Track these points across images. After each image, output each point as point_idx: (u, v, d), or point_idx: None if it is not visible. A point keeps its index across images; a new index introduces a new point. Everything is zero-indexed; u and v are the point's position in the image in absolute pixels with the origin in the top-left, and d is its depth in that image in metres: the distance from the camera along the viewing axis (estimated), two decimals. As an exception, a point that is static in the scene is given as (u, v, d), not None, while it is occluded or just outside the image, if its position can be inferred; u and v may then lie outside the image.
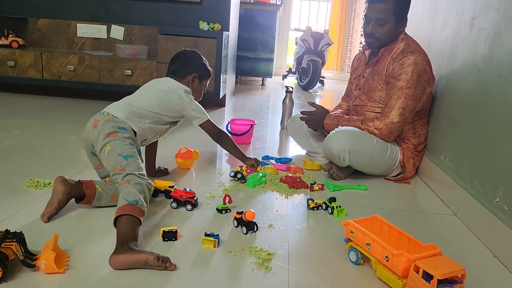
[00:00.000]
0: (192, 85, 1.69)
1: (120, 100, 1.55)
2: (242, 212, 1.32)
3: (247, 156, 1.83)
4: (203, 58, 1.75)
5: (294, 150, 2.36)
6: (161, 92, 1.58)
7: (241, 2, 4.43)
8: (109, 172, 1.37)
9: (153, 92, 1.58)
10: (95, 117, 1.45)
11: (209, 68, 1.76)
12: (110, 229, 1.26)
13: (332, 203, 1.51)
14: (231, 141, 1.79)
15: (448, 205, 1.67)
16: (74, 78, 3.11)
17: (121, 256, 1.06)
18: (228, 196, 1.46)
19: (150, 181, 1.34)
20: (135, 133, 1.46)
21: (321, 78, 5.24)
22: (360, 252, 1.17)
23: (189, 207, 1.45)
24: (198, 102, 1.69)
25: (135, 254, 1.06)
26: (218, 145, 2.35)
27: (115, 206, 1.21)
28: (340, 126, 1.89)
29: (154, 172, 1.75)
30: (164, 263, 1.06)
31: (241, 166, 1.79)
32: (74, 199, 1.38)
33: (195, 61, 1.71)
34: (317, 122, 2.04)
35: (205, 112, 1.67)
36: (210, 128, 1.71)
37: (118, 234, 1.13)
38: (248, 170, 1.83)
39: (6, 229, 1.04)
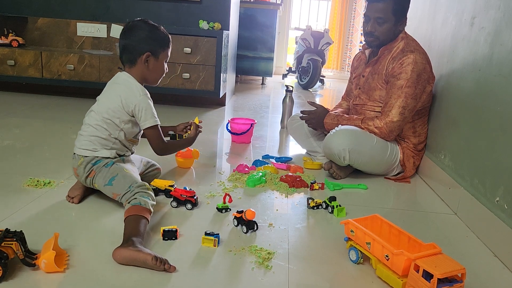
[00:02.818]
0: (148, 67, 1.45)
1: (82, 127, 1.45)
2: (242, 211, 1.32)
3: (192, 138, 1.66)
4: (152, 25, 1.46)
5: (294, 149, 2.36)
6: (112, 99, 1.42)
7: (241, 1, 4.42)
8: None
9: (104, 104, 1.43)
10: (72, 166, 1.45)
11: (163, 34, 1.47)
12: (110, 229, 1.27)
13: (332, 202, 1.51)
14: (177, 149, 1.64)
15: (448, 204, 1.67)
16: (74, 77, 3.11)
17: (122, 251, 1.08)
18: (228, 195, 1.46)
19: (140, 183, 1.33)
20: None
21: (321, 77, 5.23)
22: (360, 251, 1.17)
23: (189, 206, 1.45)
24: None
25: (135, 252, 1.07)
26: (218, 144, 2.37)
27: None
28: (340, 125, 1.89)
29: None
30: (162, 264, 1.06)
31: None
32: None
33: (142, 37, 1.43)
34: (317, 121, 2.04)
35: (156, 116, 1.45)
36: (154, 138, 1.46)
37: (124, 232, 1.16)
38: (247, 169, 1.84)
39: (6, 228, 1.04)
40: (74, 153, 1.44)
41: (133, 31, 1.44)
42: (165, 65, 1.51)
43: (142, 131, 1.50)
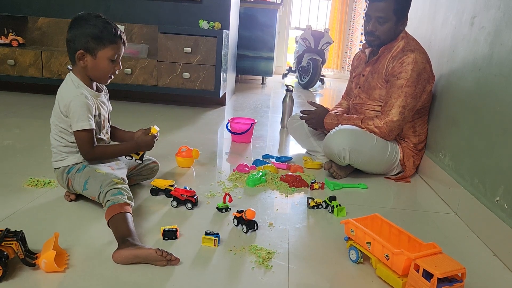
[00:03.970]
0: (86, 66, 1.33)
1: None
2: (242, 211, 1.32)
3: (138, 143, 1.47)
4: (92, 20, 1.33)
5: (294, 149, 2.36)
6: (55, 106, 1.38)
7: (241, 1, 4.42)
8: None
9: (52, 115, 1.40)
10: (55, 180, 1.46)
11: (102, 30, 1.32)
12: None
13: (332, 201, 1.51)
14: (111, 155, 1.45)
15: (448, 203, 1.67)
16: (74, 77, 3.11)
17: (122, 251, 1.08)
18: (228, 194, 1.46)
19: (109, 180, 1.29)
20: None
21: (321, 77, 5.22)
22: (360, 250, 1.17)
23: (189, 206, 1.44)
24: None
25: (136, 249, 1.08)
26: (218, 144, 2.37)
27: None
28: (340, 125, 1.89)
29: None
30: (169, 255, 1.07)
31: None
32: None
33: (78, 32, 1.31)
34: (317, 121, 2.04)
35: (90, 120, 1.33)
36: (81, 143, 1.34)
37: (115, 236, 1.16)
38: (247, 168, 1.84)
39: (7, 228, 1.04)
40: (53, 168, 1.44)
41: (71, 26, 1.34)
42: (114, 63, 1.36)
43: (105, 129, 1.45)
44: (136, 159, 1.48)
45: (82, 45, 1.31)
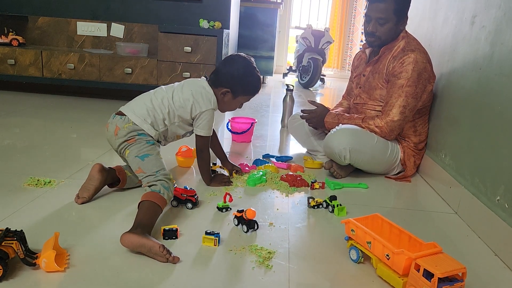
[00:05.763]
0: (223, 99, 1.58)
1: (142, 96, 1.53)
2: (242, 211, 1.32)
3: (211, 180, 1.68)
4: (249, 70, 1.57)
5: (295, 148, 2.36)
6: (185, 97, 1.52)
7: (241, 0, 4.42)
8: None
9: (178, 93, 1.53)
10: (116, 123, 1.46)
11: (253, 83, 1.58)
12: (111, 228, 1.27)
13: (332, 201, 1.50)
14: (205, 164, 1.65)
15: (449, 203, 1.67)
16: (74, 76, 3.11)
17: (131, 236, 1.11)
18: (229, 194, 1.46)
19: (166, 172, 1.38)
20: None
21: (321, 76, 5.22)
22: (360, 250, 1.17)
23: (189, 205, 1.44)
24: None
25: (143, 239, 1.11)
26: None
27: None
28: (340, 125, 1.89)
29: (229, 164, 1.81)
30: (168, 254, 1.09)
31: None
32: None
33: (232, 73, 1.55)
34: (318, 120, 2.04)
35: (211, 129, 1.61)
36: (201, 145, 1.61)
37: (137, 216, 1.21)
38: (247, 168, 1.83)
39: (7, 228, 1.04)
40: (123, 114, 1.47)
41: (229, 64, 1.57)
42: (240, 105, 1.63)
43: (188, 134, 1.63)
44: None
45: (231, 87, 1.55)
